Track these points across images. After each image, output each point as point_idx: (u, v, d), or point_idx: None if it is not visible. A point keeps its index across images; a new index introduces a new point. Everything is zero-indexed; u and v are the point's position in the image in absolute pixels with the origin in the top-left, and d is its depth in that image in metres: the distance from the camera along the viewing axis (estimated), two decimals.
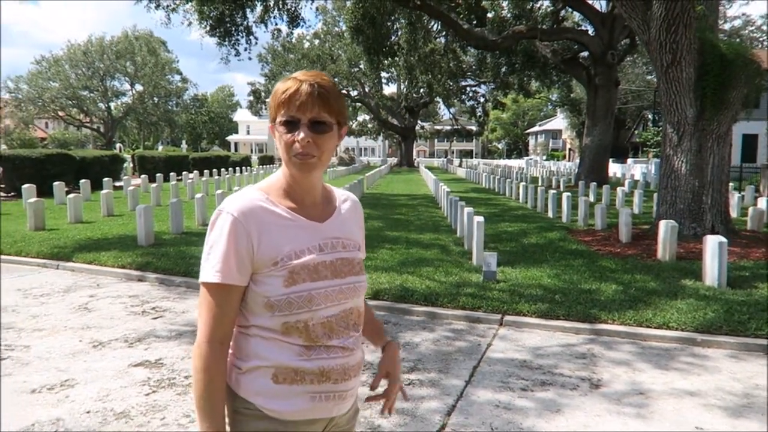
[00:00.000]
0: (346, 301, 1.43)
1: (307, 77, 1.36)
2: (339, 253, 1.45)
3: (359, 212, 1.63)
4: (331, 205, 1.53)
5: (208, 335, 1.36)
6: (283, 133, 1.37)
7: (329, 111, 1.36)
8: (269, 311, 1.35)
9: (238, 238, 1.33)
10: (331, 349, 1.39)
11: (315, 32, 46.64)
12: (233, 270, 1.34)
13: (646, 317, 5.74)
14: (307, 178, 1.42)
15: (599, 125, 23.70)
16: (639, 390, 4.30)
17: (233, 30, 20.64)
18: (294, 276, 1.35)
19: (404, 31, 24.92)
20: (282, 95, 1.35)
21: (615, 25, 22.28)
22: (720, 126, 9.20)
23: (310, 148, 1.35)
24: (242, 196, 1.40)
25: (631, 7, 9.53)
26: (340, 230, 1.49)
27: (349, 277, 1.45)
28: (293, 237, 1.39)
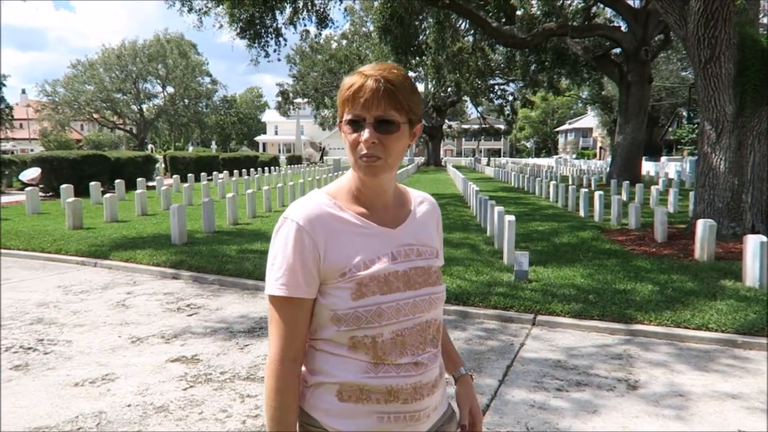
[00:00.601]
0: (422, 314, 1.31)
1: (373, 71, 1.25)
2: (413, 261, 1.33)
3: (437, 215, 1.50)
4: (404, 208, 1.41)
5: (280, 353, 1.28)
6: (348, 132, 1.27)
7: (397, 108, 1.24)
8: (336, 325, 1.26)
9: (303, 247, 1.25)
10: (401, 367, 1.27)
11: (342, 33, 46.87)
12: (300, 282, 1.25)
13: (684, 318, 5.62)
14: (375, 182, 1.31)
15: (632, 123, 23.27)
16: (678, 392, 4.21)
17: (263, 32, 20.85)
18: (362, 288, 1.25)
19: (432, 30, 24.82)
20: (346, 92, 1.26)
21: (649, 20, 21.85)
22: (761, 123, 8.95)
23: (375, 149, 1.24)
24: (308, 201, 1.31)
25: (668, 2, 9.33)
26: (414, 236, 1.37)
27: (425, 288, 1.32)
28: (362, 245, 1.29)
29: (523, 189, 23.35)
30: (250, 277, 7.56)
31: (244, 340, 5.31)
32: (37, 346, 5.12)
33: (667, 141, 46.49)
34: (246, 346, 5.15)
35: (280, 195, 16.03)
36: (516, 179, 26.21)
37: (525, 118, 74.94)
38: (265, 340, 5.31)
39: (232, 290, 7.26)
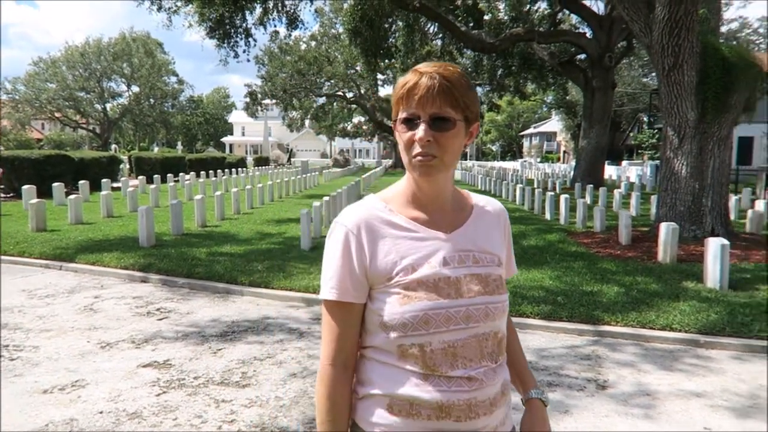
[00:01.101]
0: (477, 324, 1.24)
1: (428, 69, 1.22)
2: (469, 268, 1.27)
3: (503, 221, 1.41)
4: (463, 212, 1.35)
5: (331, 357, 1.27)
6: (403, 131, 1.23)
7: (453, 105, 1.21)
8: (384, 331, 1.23)
9: (351, 251, 1.25)
10: (452, 381, 1.21)
11: (312, 34, 46.69)
12: (349, 286, 1.25)
13: (649, 319, 5.79)
14: (430, 183, 1.27)
15: (596, 128, 23.81)
16: (645, 391, 4.34)
17: (232, 32, 20.63)
18: (409, 293, 1.21)
19: (401, 33, 24.96)
20: (401, 89, 1.23)
21: (613, 27, 22.40)
22: (721, 129, 9.29)
23: (430, 147, 1.21)
24: (359, 206, 1.31)
25: (633, 11, 9.60)
26: (472, 242, 1.31)
27: (481, 296, 1.25)
28: (412, 249, 1.25)
29: (490, 192, 23.63)
30: (221, 281, 7.48)
31: (217, 345, 5.26)
32: (2, 353, 4.98)
33: (628, 146, 47.64)
34: (219, 351, 5.10)
35: (249, 197, 15.89)
36: (483, 182, 26.51)
37: (491, 121, 75.84)
38: (238, 345, 5.27)
39: (203, 294, 7.18)
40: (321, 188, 25.87)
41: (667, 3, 8.79)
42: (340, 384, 1.27)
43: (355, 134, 59.96)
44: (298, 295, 6.87)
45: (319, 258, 8.52)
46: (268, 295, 6.97)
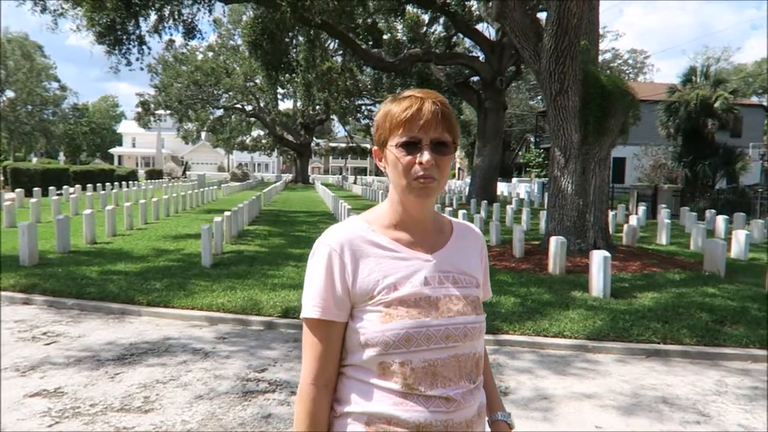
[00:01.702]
0: (456, 344, 1.27)
1: (426, 95, 1.27)
2: (448, 288, 1.30)
3: (479, 244, 1.46)
4: (443, 235, 1.39)
5: (312, 376, 1.29)
6: (403, 155, 1.25)
7: (450, 131, 1.27)
8: (365, 349, 1.25)
9: (334, 270, 1.27)
10: (431, 401, 1.23)
11: (209, 45, 45.47)
12: (331, 305, 1.27)
13: (543, 327, 6.18)
14: (424, 205, 1.32)
15: (489, 146, 25.06)
16: (543, 395, 4.63)
17: (124, 38, 19.67)
18: (391, 311, 1.24)
19: (302, 48, 24.99)
20: (403, 114, 1.25)
21: (503, 53, 23.76)
22: (601, 150, 10.13)
23: (432, 170, 1.25)
24: (343, 226, 1.34)
25: (524, 39, 10.28)
26: (452, 263, 1.35)
27: (461, 316, 1.28)
28: (394, 269, 1.28)
29: None
30: (116, 301, 7.06)
31: (114, 369, 4.97)
32: None
33: (517, 164, 50.49)
34: (117, 375, 4.82)
35: (143, 212, 15.12)
36: (383, 197, 26.94)
37: None
38: (138, 368, 5.01)
39: (95, 315, 6.74)
40: (220, 203, 25.11)
41: (554, 34, 9.51)
42: (321, 403, 1.29)
43: (254, 148, 58.80)
44: (201, 314, 6.64)
45: (222, 276, 8.27)
46: (168, 315, 6.67)
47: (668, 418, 4.24)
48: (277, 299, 7.06)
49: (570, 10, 9.25)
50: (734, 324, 6.38)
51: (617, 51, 54.24)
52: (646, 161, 28.74)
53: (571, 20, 9.31)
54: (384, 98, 14.63)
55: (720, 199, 20.97)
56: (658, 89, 29.35)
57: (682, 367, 5.43)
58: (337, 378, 1.32)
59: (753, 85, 60.46)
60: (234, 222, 12.46)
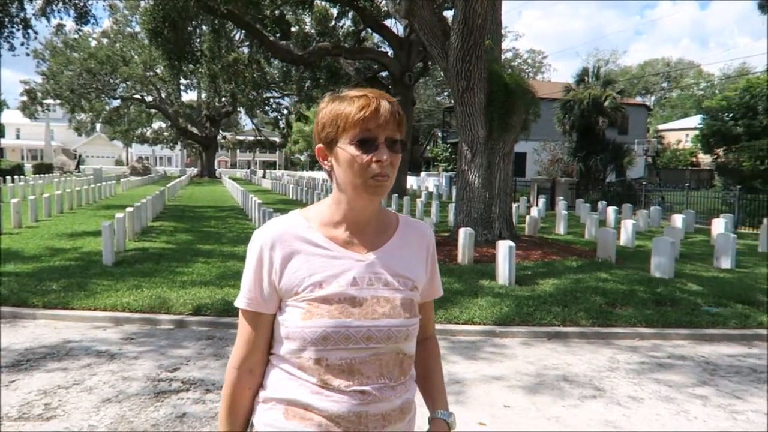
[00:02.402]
0: (378, 345, 1.28)
1: (378, 94, 1.28)
2: (377, 290, 1.30)
3: (427, 244, 1.45)
4: (384, 234, 1.39)
5: (236, 361, 1.35)
6: (360, 154, 1.25)
7: (401, 129, 1.29)
8: (286, 342, 1.30)
9: (263, 265, 1.30)
10: (345, 393, 1.26)
11: (104, 30, 42.80)
12: (259, 297, 1.31)
13: (454, 315, 6.43)
14: (374, 203, 1.33)
15: None
16: (455, 379, 4.83)
17: (6, 21, 18.16)
18: (312, 309, 1.27)
19: (207, 38, 24.18)
20: (359, 113, 1.24)
21: (411, 49, 24.19)
22: (505, 145, 10.61)
23: (388, 168, 1.26)
24: (280, 220, 1.36)
25: (432, 37, 10.54)
26: (386, 264, 1.34)
27: (385, 319, 1.28)
28: (322, 267, 1.29)
29: (301, 201, 23.90)
30: (6, 304, 6.57)
31: (9, 376, 4.64)
32: None
33: (425, 158, 51.68)
34: (12, 383, 4.50)
35: (33, 208, 14.05)
36: (294, 191, 26.72)
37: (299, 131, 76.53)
38: (36, 374, 4.71)
39: None
40: (119, 198, 23.80)
41: (460, 33, 9.83)
42: (241, 387, 1.35)
43: (156, 141, 56.07)
44: (104, 314, 6.31)
45: (126, 274, 7.94)
46: (68, 317, 6.28)
47: (568, 394, 4.56)
48: (188, 297, 6.85)
49: (475, 10, 9.59)
50: (624, 306, 6.94)
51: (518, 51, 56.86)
52: (544, 156, 30.40)
53: (476, 20, 9.66)
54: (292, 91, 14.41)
55: (610, 192, 22.59)
56: (555, 88, 31.09)
57: (579, 347, 5.85)
58: (267, 365, 1.36)
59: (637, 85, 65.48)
60: (137, 218, 11.89)
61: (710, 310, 6.83)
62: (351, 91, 1.30)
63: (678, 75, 70.64)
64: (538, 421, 4.09)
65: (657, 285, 7.84)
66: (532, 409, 4.28)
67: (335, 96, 1.31)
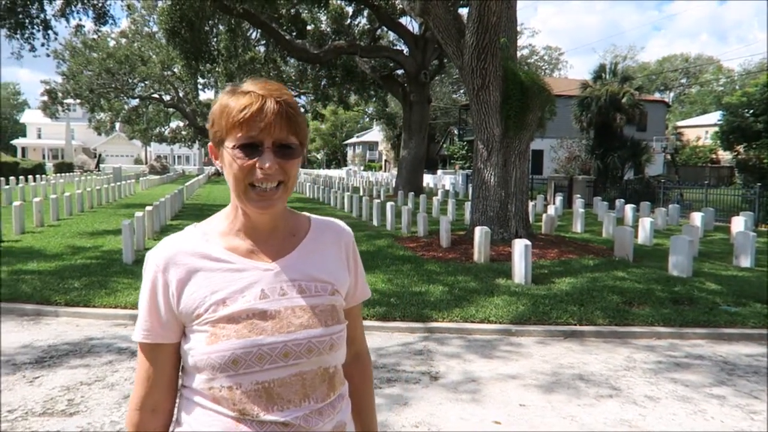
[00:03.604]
0: (298, 361, 1.13)
1: (267, 91, 1.12)
2: (291, 299, 1.15)
3: (344, 243, 1.30)
4: (294, 238, 1.24)
5: (137, 401, 1.19)
6: (240, 157, 1.11)
7: (296, 132, 1.14)
8: (196, 372, 1.15)
9: (158, 290, 1.16)
10: (265, 425, 1.11)
11: (122, 31, 43.26)
12: (156, 326, 1.16)
13: (470, 314, 6.44)
14: (270, 214, 1.18)
15: (414, 139, 25.47)
16: (471, 378, 4.84)
17: (27, 22, 18.47)
18: (217, 332, 1.11)
19: (223, 37, 24.36)
20: (240, 113, 1.10)
21: (427, 47, 24.17)
22: (521, 143, 10.58)
23: (277, 174, 1.12)
24: (173, 238, 1.20)
25: (447, 35, 10.54)
26: (299, 270, 1.19)
27: (304, 330, 1.14)
28: (224, 283, 1.14)
29: (318, 200, 24.03)
30: (30, 301, 6.71)
31: (33, 372, 4.75)
32: None
33: (441, 156, 51.57)
34: (36, 379, 4.61)
35: (55, 207, 14.30)
36: (310, 190, 26.84)
37: (315, 130, 76.88)
38: (59, 370, 4.81)
39: (8, 317, 6.37)
40: (138, 197, 24.11)
41: (475, 31, 9.81)
42: (145, 430, 1.20)
43: (174, 140, 56.57)
44: (124, 312, 6.42)
45: None
46: (89, 315, 6.41)
47: (584, 393, 4.56)
48: None
49: (490, 8, 9.57)
50: (641, 305, 6.89)
51: (534, 47, 56.35)
52: (561, 153, 30.16)
53: (491, 18, 9.64)
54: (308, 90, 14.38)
55: (628, 189, 22.35)
56: (572, 85, 30.85)
57: (596, 346, 5.83)
58: (179, 398, 1.22)
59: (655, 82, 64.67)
60: (156, 217, 12.05)
61: (729, 309, 6.77)
62: (246, 84, 1.16)
63: (697, 71, 69.66)
64: (553, 419, 4.09)
65: (675, 284, 7.78)
66: (548, 407, 4.28)
67: (231, 88, 1.16)
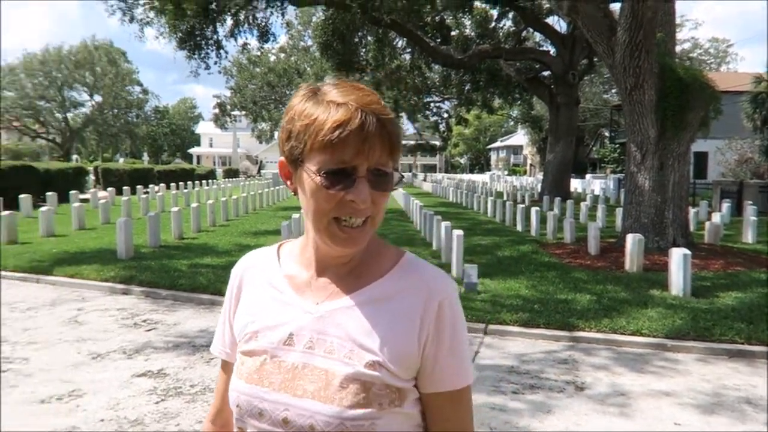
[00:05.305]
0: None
1: (362, 101, 0.89)
2: (313, 357, 0.92)
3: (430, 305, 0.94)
4: (357, 281, 0.97)
5: (212, 414, 1.14)
6: (326, 186, 0.89)
7: (392, 156, 0.92)
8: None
9: (229, 303, 1.07)
10: None
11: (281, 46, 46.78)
12: (220, 340, 1.09)
13: (620, 325, 6.14)
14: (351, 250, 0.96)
15: (561, 142, 24.57)
16: (620, 391, 4.65)
17: (203, 43, 20.72)
18: (239, 366, 0.98)
19: (372, 47, 25.39)
20: (334, 132, 0.86)
21: (575, 46, 23.22)
22: (680, 145, 9.82)
23: (368, 210, 0.91)
24: (253, 253, 1.10)
25: (597, 33, 10.11)
26: (338, 324, 0.94)
27: (311, 401, 0.89)
28: (264, 313, 0.99)
29: (461, 204, 24.08)
30: (205, 292, 7.57)
31: (209, 354, 5.37)
32: None
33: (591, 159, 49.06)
34: (212, 360, 5.22)
35: (224, 209, 15.91)
36: (453, 194, 26.98)
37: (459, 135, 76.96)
38: None
39: (188, 305, 7.25)
40: (293, 200, 25.92)
41: (628, 27, 9.30)
42: None
43: None
44: None
45: None
46: None
47: (752, 419, 4.18)
48: None
49: (645, 2, 9.03)
50: None
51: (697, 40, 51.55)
52: (730, 155, 27.26)
53: (646, 13, 9.09)
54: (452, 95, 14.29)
55: None
56: (742, 79, 27.78)
57: None
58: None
59: None
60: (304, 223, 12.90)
61: None
62: (332, 88, 0.93)
63: None
64: None
65: None
66: (706, 429, 3.99)
67: (312, 89, 0.94)
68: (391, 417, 0.91)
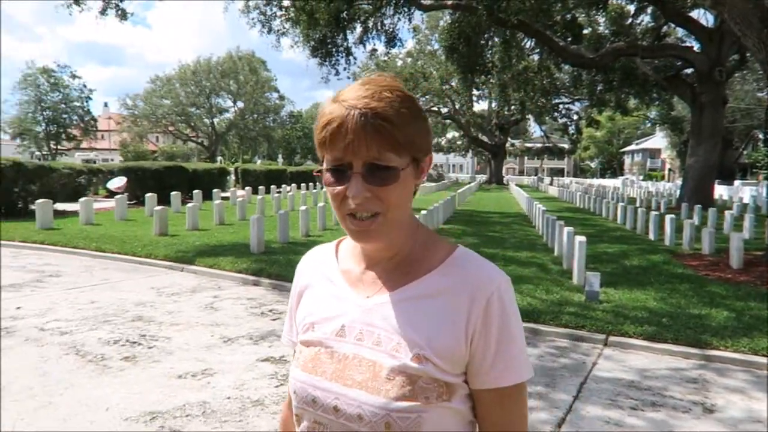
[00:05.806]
0: (350, 424, 0.93)
1: (357, 98, 0.91)
2: (361, 348, 0.95)
3: (477, 299, 0.94)
4: (406, 276, 0.99)
5: (288, 400, 1.15)
6: (330, 183, 0.94)
7: (395, 148, 0.91)
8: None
9: (294, 293, 1.12)
10: None
11: (408, 51, 47.60)
12: (286, 331, 1.14)
13: (762, 346, 5.57)
14: (375, 246, 1.00)
15: (704, 145, 22.58)
16: (756, 418, 4.23)
17: (334, 51, 21.66)
18: (298, 355, 1.03)
19: (498, 49, 25.03)
20: (321, 132, 0.93)
21: (723, 40, 21.26)
22: None
23: (370, 204, 0.92)
24: (317, 248, 1.15)
25: (745, 26, 9.22)
26: (386, 317, 0.96)
27: (359, 391, 0.92)
28: (321, 306, 1.04)
29: (588, 210, 23.02)
30: None
31: None
32: (141, 341, 5.64)
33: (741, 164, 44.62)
34: None
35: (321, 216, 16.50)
36: (581, 200, 25.84)
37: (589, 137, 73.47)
38: None
39: None
40: (415, 203, 26.04)
41: None
42: (285, 422, 1.19)
43: (449, 149, 60.16)
44: None
45: None
46: None
47: None
48: None
49: None
50: None
51: None
52: None
53: None
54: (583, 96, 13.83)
55: None
56: None
57: None
58: None
59: None
60: (429, 221, 13.04)
61: None
62: (349, 87, 0.96)
63: None
64: None
65: None
66: None
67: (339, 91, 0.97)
68: (439, 412, 0.92)
